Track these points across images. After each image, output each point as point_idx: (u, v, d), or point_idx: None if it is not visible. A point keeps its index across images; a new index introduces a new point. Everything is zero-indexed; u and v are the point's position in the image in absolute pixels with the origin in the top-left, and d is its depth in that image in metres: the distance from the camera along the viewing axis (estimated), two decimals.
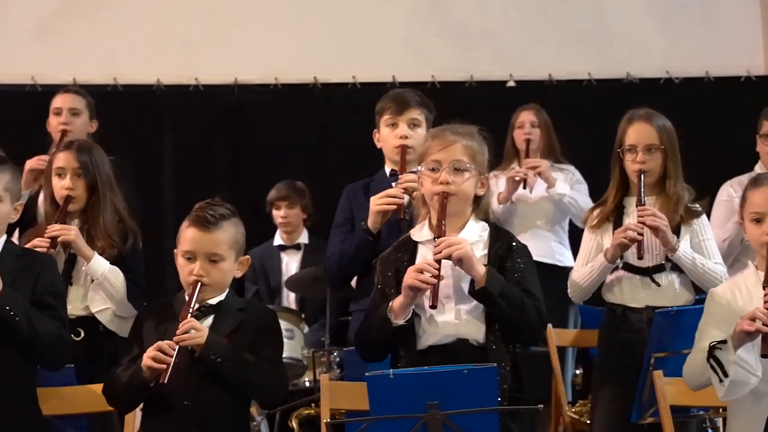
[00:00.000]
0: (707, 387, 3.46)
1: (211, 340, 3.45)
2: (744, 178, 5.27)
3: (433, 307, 3.33)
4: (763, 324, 3.22)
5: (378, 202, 4.15)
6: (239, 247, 3.65)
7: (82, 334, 4.33)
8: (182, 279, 3.59)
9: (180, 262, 3.60)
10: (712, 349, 3.31)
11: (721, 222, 5.12)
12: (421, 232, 3.55)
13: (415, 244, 3.54)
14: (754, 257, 4.91)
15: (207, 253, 3.55)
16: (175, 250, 3.64)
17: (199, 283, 3.52)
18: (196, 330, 3.44)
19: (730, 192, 5.24)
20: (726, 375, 3.26)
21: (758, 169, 5.30)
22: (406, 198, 4.22)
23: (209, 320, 3.56)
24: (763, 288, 3.33)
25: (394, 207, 4.14)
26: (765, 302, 3.27)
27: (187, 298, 3.53)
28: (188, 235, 3.58)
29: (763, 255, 3.44)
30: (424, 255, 3.48)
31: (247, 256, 3.71)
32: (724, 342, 3.29)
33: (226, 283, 3.62)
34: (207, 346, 3.44)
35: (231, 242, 3.60)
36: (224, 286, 3.62)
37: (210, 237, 3.56)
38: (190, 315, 3.47)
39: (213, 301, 3.59)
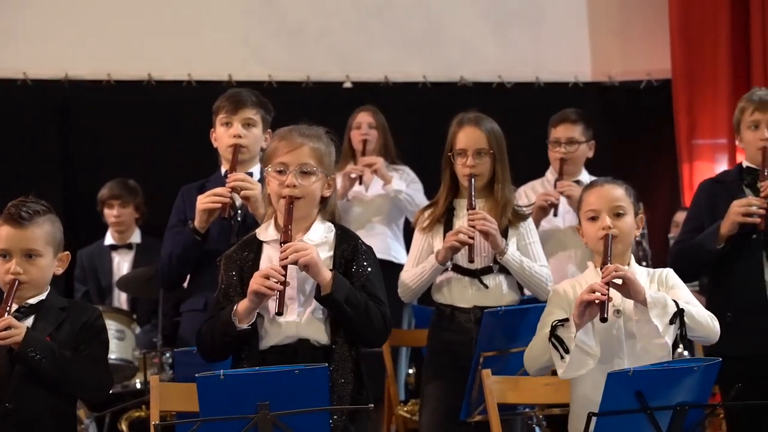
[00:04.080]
0: (547, 369, 3.57)
1: (29, 337, 3.38)
2: (536, 184, 5.46)
3: (279, 313, 3.31)
4: (601, 293, 3.35)
5: (203, 201, 4.15)
6: (57, 243, 3.57)
7: None
8: None
9: None
10: (553, 328, 3.42)
11: None
12: (266, 232, 3.52)
13: (260, 243, 3.51)
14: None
15: (23, 250, 3.48)
16: None
17: (17, 282, 3.44)
18: (14, 328, 3.36)
19: (521, 196, 5.39)
20: (567, 351, 3.38)
21: (549, 174, 5.49)
22: (239, 199, 4.20)
23: (30, 320, 3.49)
24: (600, 269, 3.47)
25: (219, 206, 4.12)
26: (602, 278, 3.41)
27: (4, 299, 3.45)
28: (2, 233, 3.50)
29: (599, 250, 3.57)
30: (270, 255, 3.46)
31: (67, 252, 3.63)
32: (566, 320, 3.41)
33: (45, 280, 3.55)
34: (25, 344, 3.37)
35: (48, 238, 3.53)
36: (43, 284, 3.55)
37: (25, 233, 3.49)
38: (7, 314, 3.38)
39: (33, 301, 3.53)
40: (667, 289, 3.57)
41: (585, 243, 3.69)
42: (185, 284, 4.56)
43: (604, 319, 3.36)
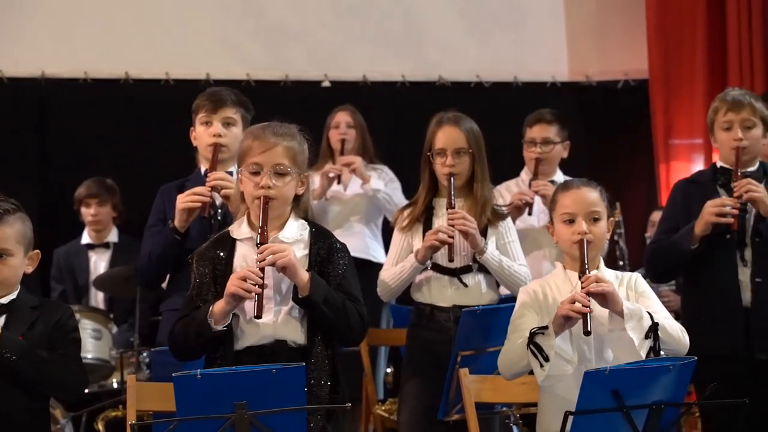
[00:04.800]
0: (522, 375, 3.57)
1: (3, 337, 3.37)
2: (511, 183, 5.48)
3: (258, 317, 3.30)
4: (583, 305, 3.35)
5: (183, 200, 4.13)
6: (27, 241, 3.55)
7: None
8: None
9: None
10: (532, 335, 3.42)
11: None
12: (239, 230, 3.50)
13: (233, 241, 3.50)
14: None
15: None
16: None
17: None
18: None
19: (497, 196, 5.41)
20: (547, 360, 3.38)
21: (523, 174, 5.52)
22: (219, 198, 4.20)
23: (1, 320, 3.47)
24: (579, 277, 3.47)
25: (199, 205, 4.10)
26: (582, 287, 3.41)
27: None
28: None
29: (573, 254, 3.58)
30: (243, 253, 3.46)
31: (37, 251, 3.61)
32: (545, 327, 3.41)
33: (16, 279, 3.54)
34: (0, 344, 3.35)
35: (18, 237, 3.51)
36: (14, 283, 3.54)
37: None
38: None
39: (4, 300, 3.51)
40: (636, 296, 3.57)
41: (555, 242, 3.69)
42: (164, 284, 4.54)
43: (587, 333, 3.36)
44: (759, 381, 4.26)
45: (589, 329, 3.35)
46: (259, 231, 3.37)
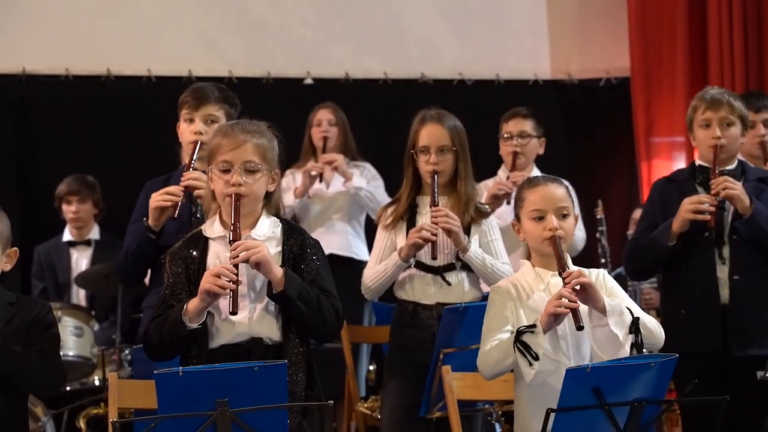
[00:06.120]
0: (503, 373, 3.55)
1: None
2: (489, 182, 5.48)
3: (233, 313, 3.29)
4: (570, 300, 3.35)
5: (156, 199, 4.10)
6: (5, 239, 3.54)
7: None
8: None
9: None
10: (519, 334, 3.40)
11: None
12: (212, 228, 3.49)
13: (206, 239, 3.49)
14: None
15: None
16: None
17: None
18: None
19: None
20: (536, 358, 3.37)
21: (501, 172, 5.53)
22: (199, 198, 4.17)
23: None
24: (560, 274, 3.46)
25: (170, 204, 4.08)
26: (565, 284, 3.41)
27: None
28: None
29: (544, 251, 3.56)
30: (217, 251, 3.45)
31: (15, 248, 3.59)
32: (533, 326, 3.39)
33: None
34: None
35: None
36: None
37: None
38: None
39: None
40: (607, 292, 3.57)
41: (522, 240, 3.66)
42: (147, 280, 4.52)
43: (580, 328, 3.36)
44: (735, 378, 4.29)
45: (581, 323, 3.35)
46: (232, 228, 3.36)
